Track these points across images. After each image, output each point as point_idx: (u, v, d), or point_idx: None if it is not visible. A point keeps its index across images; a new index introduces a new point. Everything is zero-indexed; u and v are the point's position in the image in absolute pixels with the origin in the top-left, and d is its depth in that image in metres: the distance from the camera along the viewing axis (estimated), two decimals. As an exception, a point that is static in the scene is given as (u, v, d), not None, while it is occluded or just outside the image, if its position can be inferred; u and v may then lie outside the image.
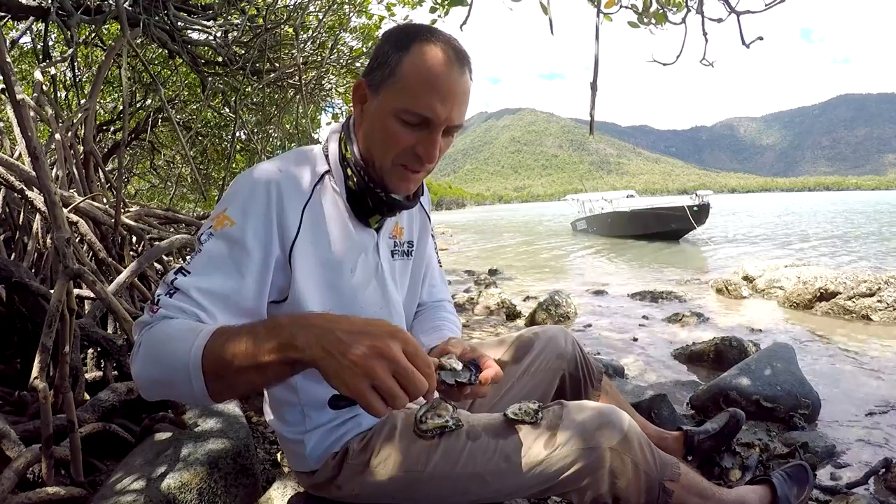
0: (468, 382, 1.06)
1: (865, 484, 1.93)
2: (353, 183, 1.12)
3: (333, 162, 1.15)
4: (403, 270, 1.32)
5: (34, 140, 1.72)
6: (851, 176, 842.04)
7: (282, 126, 7.27)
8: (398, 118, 1.03)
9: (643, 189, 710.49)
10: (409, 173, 1.09)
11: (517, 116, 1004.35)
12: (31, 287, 2.17)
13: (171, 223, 4.58)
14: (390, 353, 0.72)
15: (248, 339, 0.78)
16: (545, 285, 7.85)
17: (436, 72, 1.02)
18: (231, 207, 1.02)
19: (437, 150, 1.06)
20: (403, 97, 1.02)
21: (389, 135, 1.05)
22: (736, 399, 2.50)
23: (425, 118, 1.02)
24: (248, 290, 1.01)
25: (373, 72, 1.07)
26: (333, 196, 1.14)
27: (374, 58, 1.08)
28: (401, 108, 1.02)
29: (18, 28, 4.67)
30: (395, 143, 1.05)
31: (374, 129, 1.08)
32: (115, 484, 1.47)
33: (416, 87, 1.01)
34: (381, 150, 1.07)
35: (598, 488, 1.10)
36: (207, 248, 0.99)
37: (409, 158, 1.07)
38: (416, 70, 1.02)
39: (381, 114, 1.05)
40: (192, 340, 0.81)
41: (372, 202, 1.13)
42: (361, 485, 1.17)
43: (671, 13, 2.25)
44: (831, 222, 22.59)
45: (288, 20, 4.84)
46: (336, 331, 0.73)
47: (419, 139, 1.05)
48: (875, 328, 4.55)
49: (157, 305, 0.93)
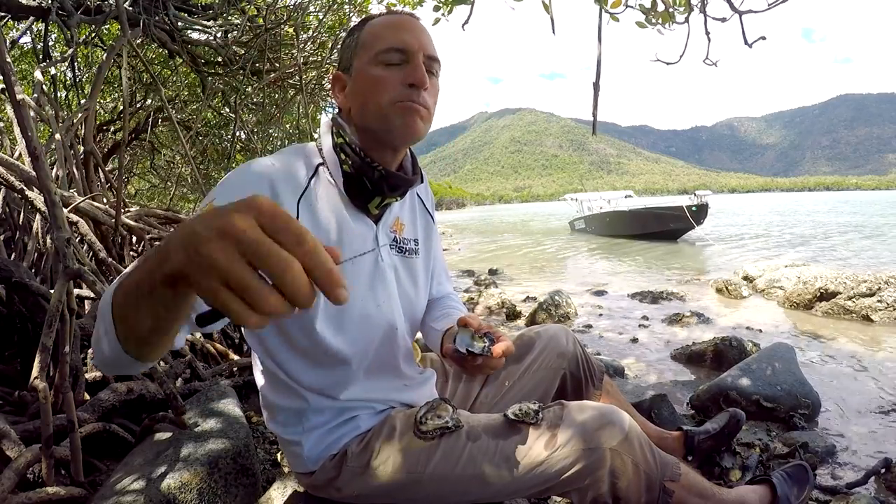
0: (481, 353, 1.10)
1: (865, 484, 1.93)
2: (349, 165, 1.13)
3: (328, 151, 1.15)
4: (406, 267, 1.30)
5: (34, 140, 1.72)
6: (852, 176, 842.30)
7: (282, 126, 7.27)
8: (379, 63, 1.10)
9: (643, 189, 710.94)
10: (409, 105, 1.10)
11: (517, 116, 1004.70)
12: (31, 287, 2.17)
13: (171, 223, 4.57)
14: (233, 229, 0.49)
15: (140, 264, 0.64)
16: (545, 285, 7.85)
17: (391, 19, 1.15)
18: (218, 199, 0.98)
19: (424, 73, 1.10)
20: (374, 45, 1.11)
21: (378, 81, 1.10)
22: (736, 399, 2.50)
23: (400, 49, 1.10)
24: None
25: (342, 60, 1.19)
26: (329, 187, 1.14)
27: (341, 52, 1.21)
28: (375, 53, 1.10)
29: (18, 28, 4.66)
30: (385, 84, 1.09)
31: (362, 90, 1.12)
32: (115, 484, 1.47)
33: (381, 33, 1.12)
34: (376, 100, 1.10)
35: (598, 488, 1.10)
36: None
37: (403, 93, 1.09)
38: (376, 25, 1.14)
39: (362, 73, 1.12)
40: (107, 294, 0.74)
41: (370, 182, 1.13)
42: (362, 486, 1.17)
43: (677, 13, 2.25)
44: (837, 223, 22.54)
45: (288, 20, 4.83)
46: (196, 223, 0.52)
47: (405, 74, 1.10)
48: (875, 328, 4.54)
49: None
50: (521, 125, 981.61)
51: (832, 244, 13.44)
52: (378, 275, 1.21)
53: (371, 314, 1.19)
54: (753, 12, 1.99)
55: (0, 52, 1.59)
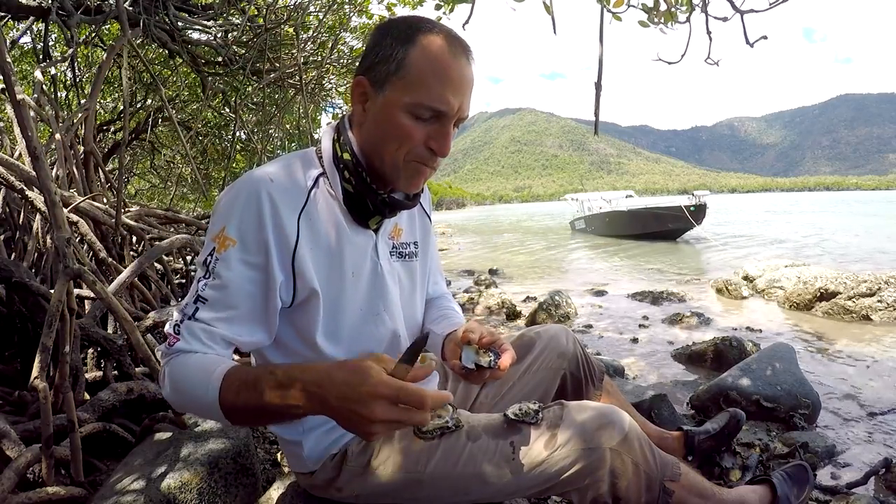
0: (488, 367, 1.12)
1: (865, 484, 1.93)
2: (351, 186, 1.10)
3: (328, 164, 1.11)
4: (406, 271, 1.29)
5: (34, 140, 1.72)
6: (852, 176, 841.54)
7: (282, 126, 7.27)
8: (409, 113, 1.01)
9: (643, 189, 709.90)
10: (421, 167, 1.08)
11: (517, 116, 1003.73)
12: (31, 287, 2.17)
13: (171, 223, 4.58)
14: (382, 417, 0.80)
15: (255, 395, 0.89)
16: (545, 285, 7.85)
17: (446, 63, 1.00)
18: (229, 226, 1.01)
19: (450, 142, 1.05)
20: (414, 91, 1.00)
21: (401, 131, 1.02)
22: (736, 399, 2.50)
23: (439, 111, 1.01)
24: (260, 306, 1.04)
25: (374, 67, 1.04)
26: (329, 199, 1.11)
27: (374, 52, 1.04)
28: (412, 103, 1.00)
29: (18, 28, 4.67)
30: (407, 139, 1.03)
31: (381, 127, 1.04)
32: (115, 484, 1.47)
33: (428, 80, 1.00)
34: (392, 148, 1.04)
35: (598, 488, 1.10)
36: (217, 272, 1.00)
37: (421, 154, 1.05)
38: (426, 62, 1.00)
39: (389, 110, 1.02)
40: (206, 384, 0.92)
41: (372, 204, 1.11)
42: (362, 486, 1.17)
43: (679, 12, 2.25)
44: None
45: (288, 20, 4.84)
46: (329, 399, 0.83)
47: (431, 133, 1.04)
48: (875, 328, 4.54)
49: (177, 336, 0.99)
50: (522, 125, 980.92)
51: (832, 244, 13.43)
52: (379, 285, 1.19)
53: (374, 325, 1.19)
54: (755, 12, 1.99)
55: (0, 52, 1.59)
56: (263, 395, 0.87)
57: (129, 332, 1.80)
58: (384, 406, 0.79)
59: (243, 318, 1.02)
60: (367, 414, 0.79)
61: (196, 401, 0.94)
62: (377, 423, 0.80)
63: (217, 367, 0.93)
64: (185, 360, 0.97)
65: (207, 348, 0.99)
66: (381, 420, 0.80)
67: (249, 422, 0.95)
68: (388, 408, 0.80)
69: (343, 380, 0.83)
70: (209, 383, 0.92)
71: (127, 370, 2.21)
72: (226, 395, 0.91)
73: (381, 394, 0.79)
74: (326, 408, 0.84)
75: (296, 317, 1.10)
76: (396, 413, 0.80)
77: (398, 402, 0.80)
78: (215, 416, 0.93)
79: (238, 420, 0.95)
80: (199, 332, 0.98)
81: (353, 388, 0.81)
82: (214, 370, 0.93)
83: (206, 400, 0.92)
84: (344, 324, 1.14)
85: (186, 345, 0.98)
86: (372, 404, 0.79)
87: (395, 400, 0.80)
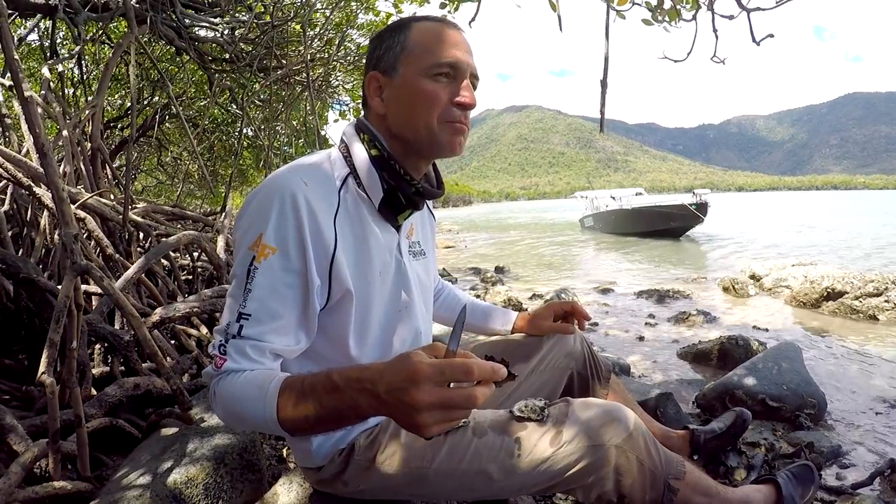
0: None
1: (871, 484, 1.92)
2: (386, 181, 1.11)
3: (362, 164, 1.11)
4: (421, 269, 1.31)
5: (42, 137, 1.73)
6: (860, 175, 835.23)
7: (289, 122, 7.28)
8: (429, 76, 1.07)
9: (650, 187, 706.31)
10: (457, 126, 1.10)
11: (524, 114, 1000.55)
12: (38, 283, 2.18)
13: (178, 219, 4.59)
14: (429, 401, 0.75)
15: (313, 403, 0.88)
16: (552, 283, 7.84)
17: (443, 30, 1.11)
18: (266, 233, 0.99)
19: (474, 95, 1.10)
20: (425, 56, 1.08)
21: (427, 95, 1.07)
22: (742, 398, 2.49)
23: (452, 65, 1.08)
24: (303, 313, 1.04)
25: (381, 60, 1.12)
26: (357, 199, 1.12)
27: (376, 51, 1.13)
28: (427, 66, 1.07)
29: (26, 25, 4.69)
30: (435, 101, 1.07)
31: (408, 100, 1.09)
32: (121, 479, 1.48)
33: (433, 44, 1.08)
34: (423, 114, 1.08)
35: (603, 486, 1.10)
36: (258, 283, 0.98)
37: (452, 113, 1.09)
38: (426, 34, 1.10)
39: (409, 83, 1.08)
40: (262, 401, 0.91)
41: (404, 197, 1.13)
42: (368, 481, 1.18)
43: (684, 10, 2.24)
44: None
45: (295, 17, 4.84)
46: (381, 393, 0.80)
47: (453, 91, 1.09)
48: (882, 328, 4.52)
49: (224, 356, 0.97)
50: (528, 122, 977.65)
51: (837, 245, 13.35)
52: (404, 283, 1.21)
53: (399, 323, 1.20)
54: (761, 10, 1.97)
55: (8, 50, 1.60)
56: (322, 401, 0.87)
57: (135, 328, 1.81)
58: (428, 388, 0.74)
59: (289, 327, 1.02)
60: (409, 401, 0.75)
61: (253, 419, 0.93)
62: (424, 412, 0.75)
63: (270, 383, 0.92)
64: (234, 380, 0.96)
65: (257, 364, 0.98)
66: (427, 405, 0.74)
67: (309, 430, 0.92)
68: (432, 389, 0.75)
69: (391, 369, 0.80)
70: (265, 400, 0.91)
71: (134, 366, 2.22)
72: (284, 408, 0.90)
73: (423, 373, 0.75)
74: (380, 403, 0.81)
75: (327, 320, 1.10)
76: (443, 394, 0.75)
77: (443, 382, 0.75)
78: (274, 430, 0.93)
79: (297, 430, 0.93)
80: (247, 349, 0.97)
81: (397, 374, 0.78)
82: (268, 386, 0.92)
83: (265, 417, 0.91)
84: (372, 323, 1.15)
85: (235, 364, 0.97)
86: (413, 389, 0.75)
87: (440, 378, 0.75)
